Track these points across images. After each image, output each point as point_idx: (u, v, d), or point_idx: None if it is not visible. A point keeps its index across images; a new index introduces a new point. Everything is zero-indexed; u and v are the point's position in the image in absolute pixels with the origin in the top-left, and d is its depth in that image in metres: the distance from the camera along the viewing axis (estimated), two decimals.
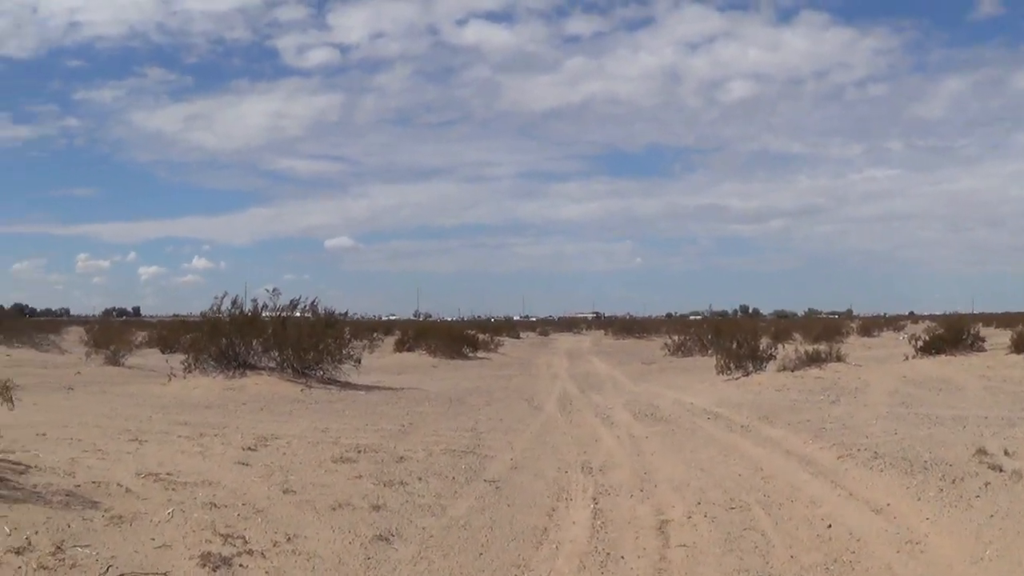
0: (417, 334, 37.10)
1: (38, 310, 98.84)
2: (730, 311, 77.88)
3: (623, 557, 6.01)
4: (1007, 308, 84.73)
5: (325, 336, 18.85)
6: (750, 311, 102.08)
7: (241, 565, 5.29)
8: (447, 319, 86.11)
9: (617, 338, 58.47)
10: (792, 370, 18.28)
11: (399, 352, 34.71)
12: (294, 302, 19.55)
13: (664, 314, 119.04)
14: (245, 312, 18.49)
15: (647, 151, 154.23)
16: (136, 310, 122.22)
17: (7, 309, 57.74)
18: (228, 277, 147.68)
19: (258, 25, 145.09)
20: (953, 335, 21.56)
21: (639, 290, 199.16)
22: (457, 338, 36.26)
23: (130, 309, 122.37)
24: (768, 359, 19.83)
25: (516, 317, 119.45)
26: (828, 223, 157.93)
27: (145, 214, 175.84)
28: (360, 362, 19.88)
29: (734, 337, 21.81)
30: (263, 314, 18.78)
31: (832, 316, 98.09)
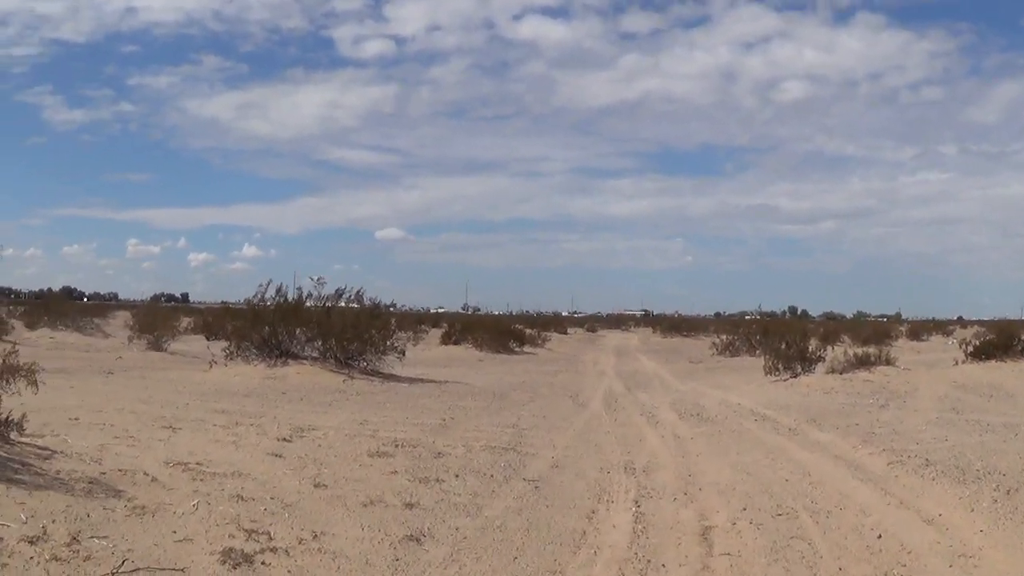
0: (464, 327, 36.97)
1: (87, 294, 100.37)
2: (779, 312, 76.33)
3: (664, 565, 5.65)
4: None
5: (369, 327, 18.65)
6: (798, 312, 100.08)
7: (263, 563, 5.03)
8: (495, 313, 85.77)
9: (665, 336, 57.79)
10: (841, 372, 17.94)
11: (445, 345, 34.60)
12: (339, 291, 19.32)
13: (713, 313, 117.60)
14: (289, 300, 18.35)
15: (700, 150, 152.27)
16: (185, 296, 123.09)
17: (55, 292, 59.00)
18: (277, 265, 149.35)
19: (314, 15, 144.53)
20: (1004, 340, 20.82)
21: (688, 288, 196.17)
22: (504, 332, 36.04)
23: (179, 295, 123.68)
24: (817, 361, 19.46)
25: (564, 313, 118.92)
26: (879, 226, 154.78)
27: (197, 201, 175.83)
28: (404, 354, 19.65)
29: (783, 338, 21.46)
30: (307, 303, 18.65)
31: (881, 319, 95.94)
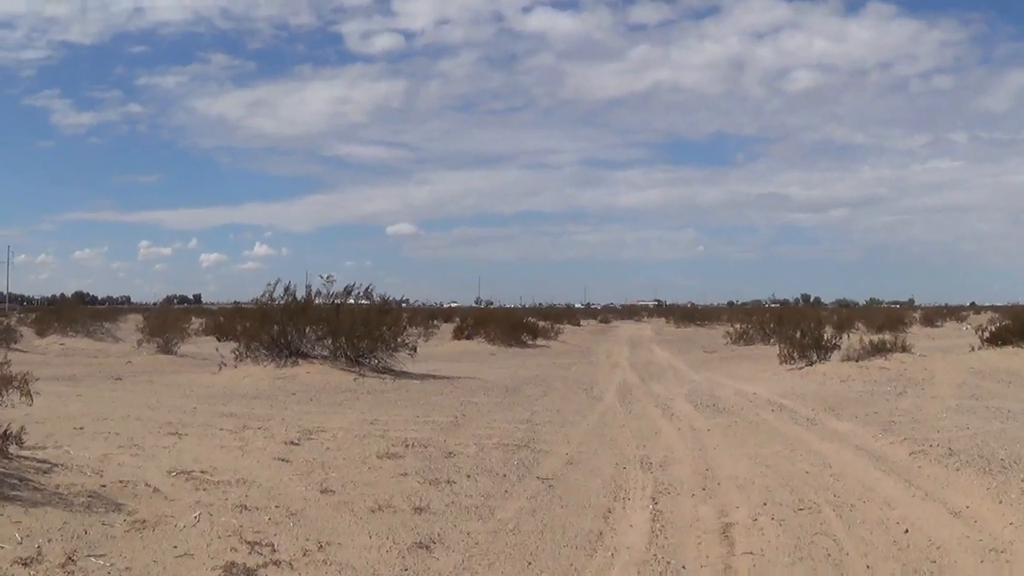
0: (476, 321, 36.70)
1: (99, 298, 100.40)
2: (791, 300, 76.03)
3: (684, 567, 5.43)
4: None
5: (379, 323, 18.44)
6: (811, 300, 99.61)
7: None
8: (508, 306, 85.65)
9: (679, 326, 57.59)
10: (857, 360, 17.86)
11: (457, 340, 34.36)
12: (348, 289, 19.05)
13: (725, 302, 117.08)
14: (297, 299, 18.15)
15: (710, 140, 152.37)
16: (197, 297, 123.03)
17: (67, 298, 59.03)
18: (289, 264, 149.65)
19: (323, 11, 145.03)
20: (1020, 326, 20.59)
21: (700, 278, 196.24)
22: (516, 326, 35.80)
23: (191, 296, 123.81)
24: (832, 348, 19.34)
25: (577, 305, 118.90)
26: (890, 213, 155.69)
27: (207, 201, 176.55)
28: (415, 350, 19.43)
29: (798, 326, 21.31)
30: (316, 301, 18.45)
31: (894, 306, 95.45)
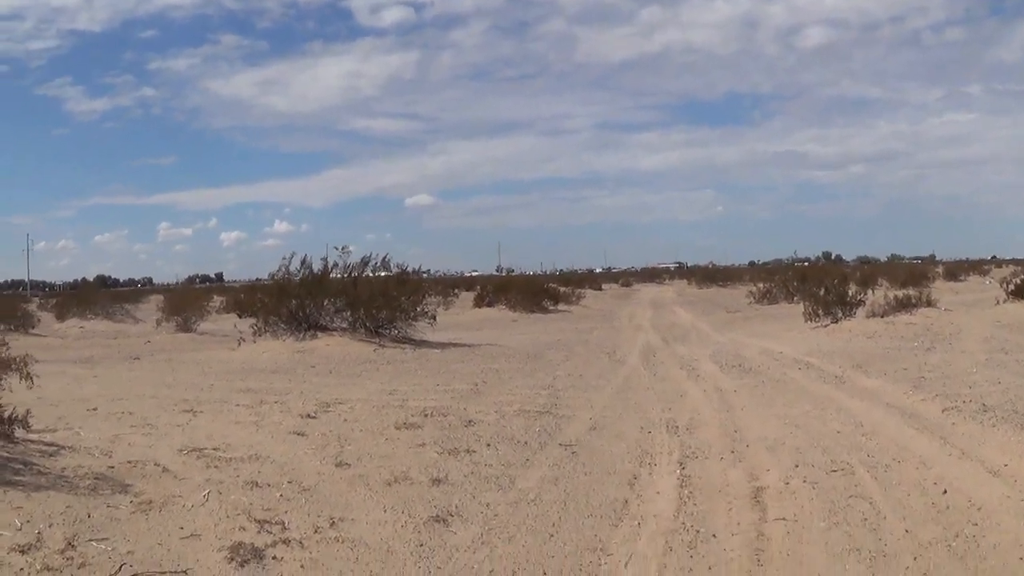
0: (496, 289, 36.55)
1: (121, 280, 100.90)
2: (812, 258, 75.20)
3: (715, 535, 5.18)
4: None
5: (398, 293, 18.27)
6: (832, 257, 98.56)
7: (274, 557, 4.64)
8: (529, 273, 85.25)
9: (700, 287, 57.20)
10: (882, 316, 17.73)
11: (478, 308, 34.23)
12: (364, 260, 18.92)
13: (747, 262, 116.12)
14: (314, 272, 17.98)
15: (725, 99, 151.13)
16: (219, 276, 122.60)
17: (88, 282, 59.47)
18: (309, 239, 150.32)
19: None
20: None
21: (721, 238, 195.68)
22: (537, 291, 35.55)
23: (213, 275, 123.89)
24: (857, 305, 19.17)
25: (598, 269, 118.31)
26: (907, 168, 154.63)
27: (224, 180, 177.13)
28: (435, 319, 19.25)
29: (822, 283, 21.19)
30: (333, 273, 18.27)
31: (915, 261, 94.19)
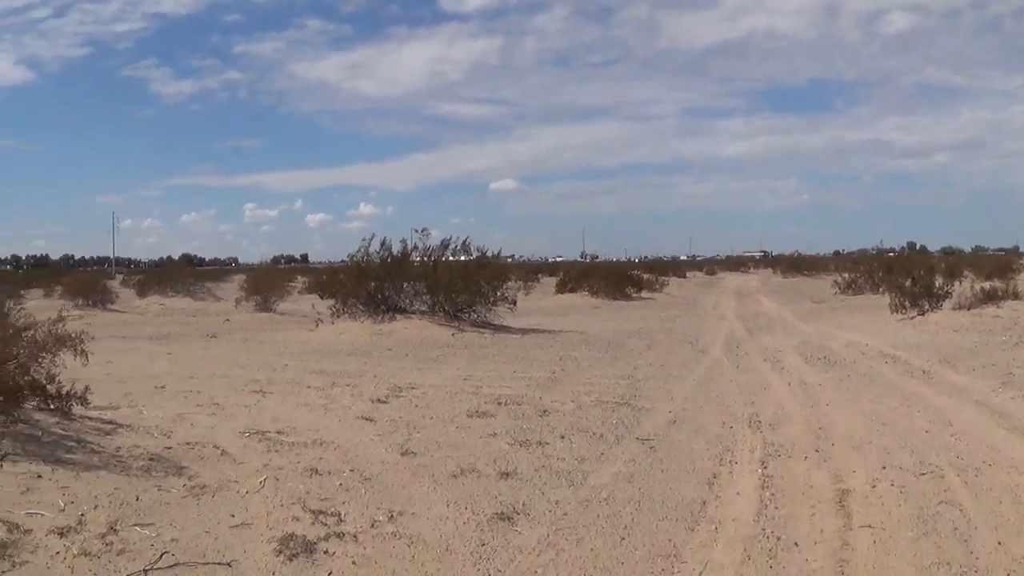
0: (579, 275, 36.05)
1: (207, 260, 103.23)
2: (897, 248, 72.43)
3: (796, 544, 4.65)
4: None
5: (477, 277, 17.97)
6: (917, 248, 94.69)
7: (326, 552, 4.32)
8: (613, 260, 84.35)
9: (785, 276, 55.44)
10: (968, 308, 16.99)
11: (560, 293, 33.82)
12: (444, 243, 18.69)
13: (832, 252, 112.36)
14: (394, 255, 17.81)
15: (809, 86, 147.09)
16: (304, 257, 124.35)
17: (174, 260, 61.00)
18: (394, 222, 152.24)
19: None
20: None
21: (805, 227, 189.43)
22: (620, 278, 34.94)
23: (298, 256, 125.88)
24: (944, 297, 18.24)
25: (683, 257, 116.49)
26: (991, 157, 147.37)
27: (310, 163, 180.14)
28: (515, 304, 18.89)
29: (908, 274, 20.57)
30: (412, 256, 18.08)
31: (999, 252, 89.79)
